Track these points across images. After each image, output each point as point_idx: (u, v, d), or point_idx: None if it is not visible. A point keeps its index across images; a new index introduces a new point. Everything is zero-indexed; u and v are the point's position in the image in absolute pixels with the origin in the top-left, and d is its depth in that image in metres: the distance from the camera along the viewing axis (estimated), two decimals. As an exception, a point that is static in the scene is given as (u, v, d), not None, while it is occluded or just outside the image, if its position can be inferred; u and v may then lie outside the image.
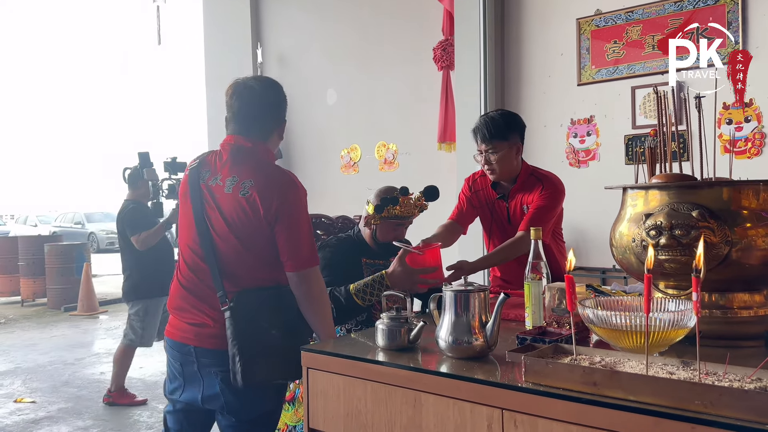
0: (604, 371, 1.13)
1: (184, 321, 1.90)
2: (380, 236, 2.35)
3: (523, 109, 4.80)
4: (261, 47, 6.66)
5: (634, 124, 4.26)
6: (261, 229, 1.84)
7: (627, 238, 1.57)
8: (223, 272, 1.83)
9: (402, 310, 1.60)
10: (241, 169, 1.87)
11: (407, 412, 1.38)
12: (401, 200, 2.28)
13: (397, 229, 2.36)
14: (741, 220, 1.45)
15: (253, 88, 1.91)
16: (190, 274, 1.90)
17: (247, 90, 1.91)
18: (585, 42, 4.44)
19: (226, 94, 1.93)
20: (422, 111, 5.43)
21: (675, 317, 1.25)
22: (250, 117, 1.90)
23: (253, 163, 1.88)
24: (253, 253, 1.85)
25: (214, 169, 1.91)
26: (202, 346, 1.85)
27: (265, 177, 1.86)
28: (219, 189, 1.87)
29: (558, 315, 1.59)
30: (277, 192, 1.83)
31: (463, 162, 4.94)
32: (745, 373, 1.10)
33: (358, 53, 5.93)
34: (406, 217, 2.31)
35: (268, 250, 1.87)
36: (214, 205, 1.87)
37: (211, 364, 1.85)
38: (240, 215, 1.83)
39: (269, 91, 1.94)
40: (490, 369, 1.36)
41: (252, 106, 1.90)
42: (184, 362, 1.90)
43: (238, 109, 1.91)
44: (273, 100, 1.95)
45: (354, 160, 5.99)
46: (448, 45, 5.11)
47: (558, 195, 2.56)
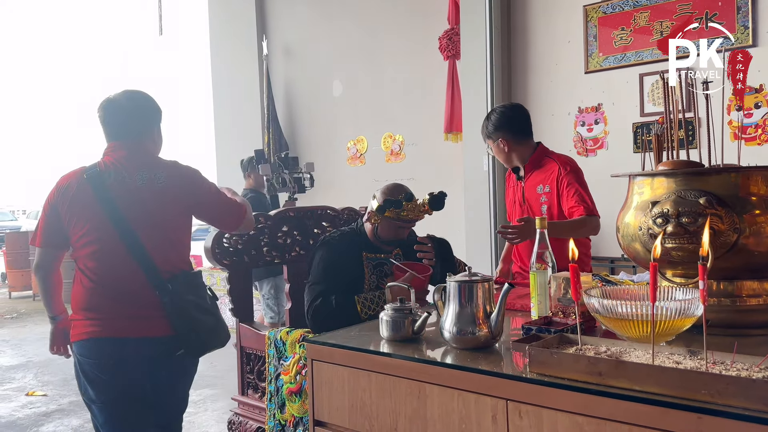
0: (610, 361, 1.12)
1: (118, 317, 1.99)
2: (382, 234, 2.34)
3: (530, 98, 4.77)
4: (266, 40, 6.64)
5: (643, 112, 4.21)
6: (182, 216, 2.10)
7: (633, 226, 1.55)
8: (153, 262, 2.00)
9: (406, 301, 1.59)
10: (144, 163, 2.07)
11: (412, 403, 1.38)
12: (405, 205, 2.27)
13: (399, 230, 2.35)
14: (749, 206, 1.43)
15: (117, 101, 2.12)
16: (112, 273, 2.00)
17: (110, 104, 2.11)
18: (592, 29, 4.39)
19: (97, 114, 2.14)
20: (428, 101, 5.40)
21: (682, 306, 1.24)
22: (117, 124, 2.11)
23: (149, 158, 2.10)
24: (177, 238, 2.10)
25: (116, 170, 2.04)
26: (142, 336, 1.98)
27: (169, 168, 2.09)
28: (131, 184, 2.02)
29: (564, 305, 1.57)
30: (188, 180, 2.11)
31: (469, 152, 4.91)
32: (753, 362, 1.08)
33: (363, 44, 5.90)
34: (408, 220, 2.30)
35: (187, 235, 2.15)
36: (130, 201, 2.01)
37: (152, 351, 2.00)
38: (160, 204, 2.04)
39: (130, 101, 2.14)
40: (495, 359, 1.35)
41: (116, 115, 2.11)
42: (119, 357, 1.98)
43: (107, 121, 2.12)
44: (132, 106, 2.13)
45: (360, 152, 5.98)
46: (453, 34, 5.06)
47: (578, 170, 2.67)
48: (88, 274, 2.02)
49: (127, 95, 2.15)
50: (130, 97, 2.15)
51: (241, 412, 2.43)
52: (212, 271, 5.96)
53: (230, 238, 2.45)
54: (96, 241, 2.01)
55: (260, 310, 5.46)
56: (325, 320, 2.14)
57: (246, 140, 6.85)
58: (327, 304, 2.18)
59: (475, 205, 4.92)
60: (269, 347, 2.22)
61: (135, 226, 2.00)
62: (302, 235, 2.69)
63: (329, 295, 2.19)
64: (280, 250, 2.61)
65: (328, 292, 2.20)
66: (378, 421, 1.44)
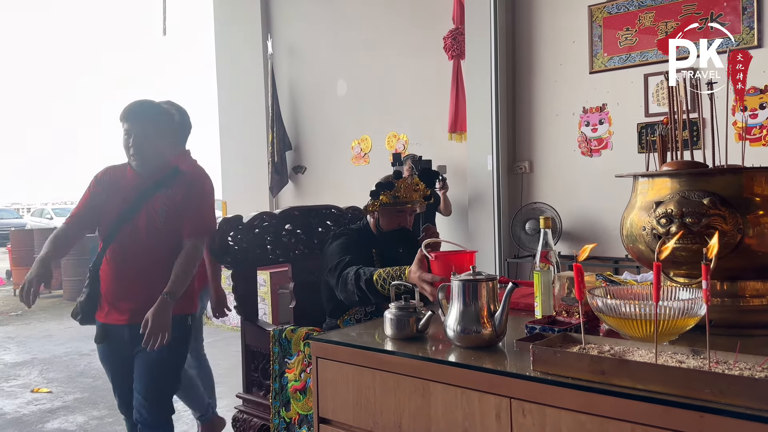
0: (613, 360, 1.12)
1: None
2: (383, 225, 2.33)
3: (534, 98, 4.77)
4: (271, 39, 6.65)
5: (647, 112, 4.21)
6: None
7: (637, 226, 1.55)
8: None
9: (410, 299, 1.60)
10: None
11: (416, 401, 1.38)
12: (397, 184, 2.25)
13: (399, 217, 2.33)
14: (753, 207, 1.43)
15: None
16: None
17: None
18: (597, 29, 4.39)
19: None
20: (433, 101, 5.41)
21: (685, 306, 1.24)
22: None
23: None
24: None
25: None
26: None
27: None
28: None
29: (567, 304, 1.58)
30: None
31: (474, 151, 4.92)
32: (756, 361, 1.09)
33: (368, 43, 5.91)
34: (403, 203, 2.28)
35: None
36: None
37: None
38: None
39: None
40: (499, 358, 1.35)
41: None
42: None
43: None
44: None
45: (365, 151, 5.99)
46: (458, 34, 5.07)
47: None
48: None
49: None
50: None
51: (245, 409, 2.44)
52: (216, 269, 5.96)
53: (235, 237, 2.46)
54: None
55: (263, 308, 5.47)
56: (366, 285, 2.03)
57: (250, 139, 6.87)
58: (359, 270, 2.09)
59: (479, 205, 4.93)
60: (274, 345, 2.23)
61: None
62: (306, 234, 2.70)
63: (359, 268, 2.11)
64: (284, 249, 2.62)
65: (355, 261, 2.16)
66: (382, 419, 1.45)
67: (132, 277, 2.27)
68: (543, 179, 4.80)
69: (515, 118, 4.88)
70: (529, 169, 4.83)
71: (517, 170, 4.87)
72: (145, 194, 2.28)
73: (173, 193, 2.30)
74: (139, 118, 2.25)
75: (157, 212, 2.27)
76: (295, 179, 6.60)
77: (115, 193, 2.31)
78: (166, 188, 2.30)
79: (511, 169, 4.88)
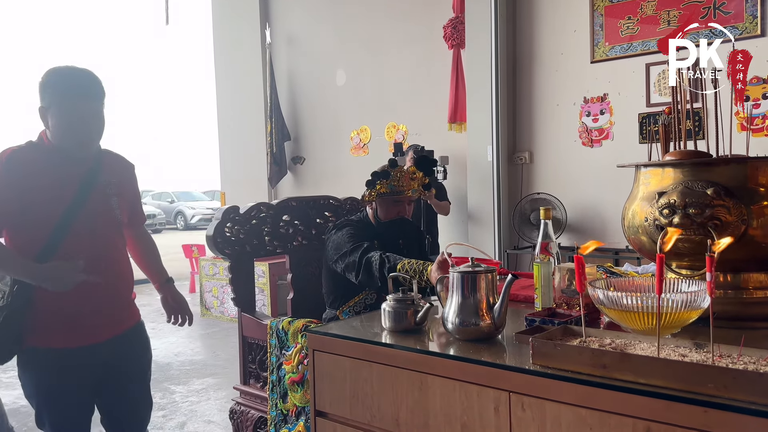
0: (614, 353, 1.10)
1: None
2: (381, 215, 2.32)
3: (535, 88, 4.73)
4: (269, 28, 6.60)
5: (649, 102, 4.18)
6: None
7: (639, 217, 1.53)
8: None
9: (408, 291, 1.58)
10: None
11: (413, 395, 1.36)
12: (393, 173, 2.24)
13: (397, 206, 2.31)
14: (758, 197, 1.41)
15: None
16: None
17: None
18: (598, 18, 4.35)
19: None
20: (432, 91, 5.37)
21: (688, 298, 1.22)
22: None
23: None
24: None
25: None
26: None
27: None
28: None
29: (568, 296, 1.56)
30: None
31: (473, 141, 4.89)
32: (761, 355, 1.06)
33: (367, 33, 5.86)
34: (400, 192, 2.26)
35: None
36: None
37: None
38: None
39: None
40: (498, 351, 1.33)
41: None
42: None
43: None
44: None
45: (364, 142, 5.95)
46: (458, 23, 5.02)
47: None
48: None
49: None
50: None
51: (242, 401, 2.43)
52: (215, 260, 5.95)
53: (232, 228, 2.44)
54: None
55: (262, 299, 5.45)
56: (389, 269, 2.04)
57: (248, 129, 6.83)
58: (383, 256, 2.08)
59: (479, 195, 4.91)
60: (271, 337, 2.21)
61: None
62: (304, 225, 2.68)
63: (381, 253, 2.11)
64: (282, 240, 2.60)
65: (372, 247, 2.15)
66: (379, 412, 1.43)
67: (105, 279, 1.86)
68: (543, 170, 4.77)
69: (515, 108, 4.84)
70: (530, 160, 4.80)
71: (517, 161, 4.84)
72: (89, 181, 1.87)
73: (113, 178, 1.95)
74: (100, 96, 1.85)
75: (109, 201, 1.92)
76: (293, 170, 6.57)
77: (45, 183, 1.79)
78: (105, 174, 1.92)
79: (511, 159, 4.85)
